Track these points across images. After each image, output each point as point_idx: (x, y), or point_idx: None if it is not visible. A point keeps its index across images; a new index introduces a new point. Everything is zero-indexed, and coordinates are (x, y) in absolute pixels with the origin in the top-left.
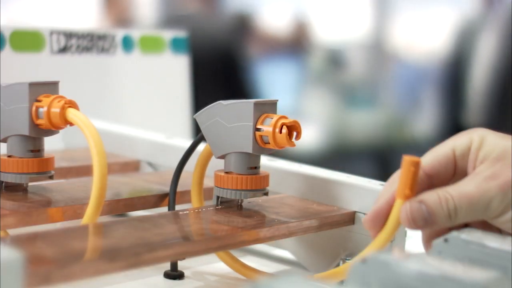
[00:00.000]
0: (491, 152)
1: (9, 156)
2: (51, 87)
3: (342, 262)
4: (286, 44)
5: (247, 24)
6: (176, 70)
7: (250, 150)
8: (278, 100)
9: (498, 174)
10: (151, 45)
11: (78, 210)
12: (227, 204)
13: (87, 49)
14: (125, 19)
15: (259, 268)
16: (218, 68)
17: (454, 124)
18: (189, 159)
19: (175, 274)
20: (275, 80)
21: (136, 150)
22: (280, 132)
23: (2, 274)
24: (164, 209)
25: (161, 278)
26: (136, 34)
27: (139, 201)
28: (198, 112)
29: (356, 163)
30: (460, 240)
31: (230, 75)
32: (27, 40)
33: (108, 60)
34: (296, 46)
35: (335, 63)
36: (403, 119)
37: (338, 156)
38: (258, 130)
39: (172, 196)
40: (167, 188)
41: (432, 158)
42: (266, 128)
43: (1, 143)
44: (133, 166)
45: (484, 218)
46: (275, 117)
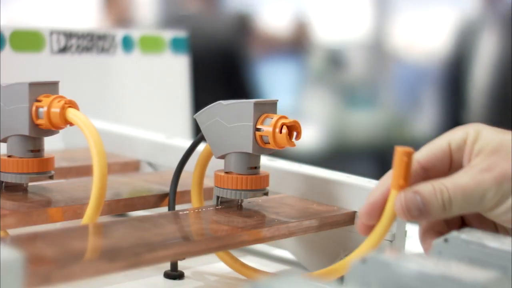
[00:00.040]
0: (486, 145)
1: (9, 156)
2: (51, 87)
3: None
4: (286, 44)
5: (247, 24)
6: (176, 70)
7: (250, 150)
8: (278, 100)
9: (493, 166)
10: (151, 45)
11: (78, 210)
12: (227, 204)
13: (87, 49)
14: (125, 19)
15: (259, 268)
16: (218, 68)
17: (454, 124)
18: (189, 159)
19: (175, 274)
20: (275, 80)
21: (136, 150)
22: (280, 132)
23: (2, 274)
24: (164, 209)
25: (161, 278)
26: (136, 34)
27: (139, 201)
28: (198, 112)
29: (356, 163)
30: (460, 240)
31: (230, 75)
32: (27, 40)
33: (108, 60)
34: (296, 46)
35: (335, 63)
36: (403, 119)
37: (338, 156)
38: (258, 130)
39: (172, 196)
40: (167, 188)
41: (428, 151)
42: (266, 128)
43: (1, 143)
44: (133, 166)
45: (479, 211)
46: (275, 117)
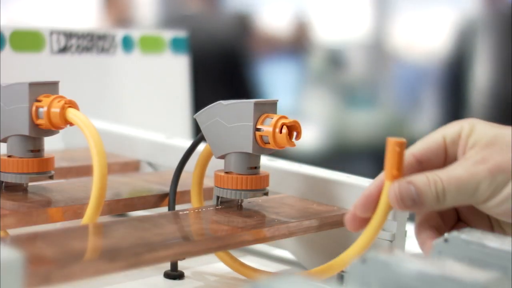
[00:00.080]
0: (481, 138)
1: (9, 156)
2: (51, 87)
3: None
4: (286, 44)
5: (248, 24)
6: (176, 70)
7: (250, 150)
8: (278, 100)
9: (488, 158)
10: (151, 45)
11: (78, 210)
12: (227, 204)
13: (87, 49)
14: (125, 19)
15: (259, 268)
16: (218, 68)
17: None
18: (189, 159)
19: (175, 274)
20: (275, 80)
21: (136, 150)
22: (280, 132)
23: (2, 274)
24: (164, 209)
25: (161, 278)
26: (136, 34)
27: (139, 201)
28: (198, 112)
29: (356, 163)
30: (460, 240)
31: (230, 75)
32: (27, 40)
33: (108, 60)
34: (296, 46)
35: (335, 63)
36: (403, 119)
37: (338, 156)
38: (258, 130)
39: (172, 196)
40: (167, 188)
41: (423, 145)
42: (266, 128)
43: (1, 143)
44: (133, 166)
45: (472, 203)
46: (275, 117)
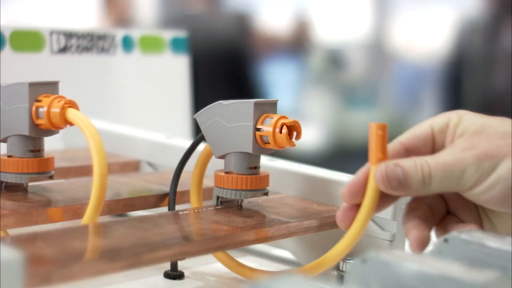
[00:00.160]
0: (469, 127)
1: (9, 156)
2: (51, 87)
3: (342, 262)
4: (286, 44)
5: (248, 24)
6: (176, 70)
7: (250, 150)
8: (278, 100)
9: (475, 145)
10: (151, 45)
11: (78, 210)
12: (227, 204)
13: (87, 49)
14: (125, 19)
15: (259, 268)
16: (218, 68)
17: None
18: (189, 159)
19: (175, 274)
20: (276, 80)
21: (136, 150)
22: (280, 132)
23: (2, 274)
24: (164, 209)
25: (161, 278)
26: (136, 34)
27: (139, 201)
28: (198, 112)
29: (356, 163)
30: (460, 240)
31: (230, 75)
32: (27, 40)
33: (108, 60)
34: (296, 46)
35: (335, 63)
36: (403, 119)
37: (338, 156)
38: (258, 130)
39: (172, 196)
40: (167, 188)
41: (410, 133)
42: (266, 128)
43: (1, 143)
44: (133, 166)
45: (458, 189)
46: (275, 117)
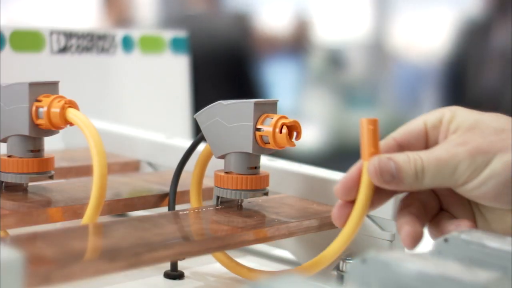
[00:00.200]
0: (462, 123)
1: (9, 156)
2: (51, 87)
3: (342, 262)
4: (286, 44)
5: (248, 24)
6: (176, 70)
7: (250, 150)
8: (278, 100)
9: (469, 141)
10: (151, 45)
11: (78, 210)
12: (227, 204)
13: (87, 49)
14: (125, 19)
15: (259, 268)
16: (218, 68)
17: None
18: (189, 159)
19: (175, 274)
20: (276, 80)
21: (136, 150)
22: (280, 132)
23: (2, 274)
24: (164, 209)
25: (161, 278)
26: (136, 34)
27: (139, 201)
28: (198, 112)
29: None
30: (460, 240)
31: (230, 75)
32: (27, 40)
33: (108, 60)
34: (296, 46)
35: (335, 63)
36: (403, 119)
37: (338, 156)
38: (258, 130)
39: (172, 196)
40: (167, 188)
41: (403, 129)
42: (266, 128)
43: (1, 143)
44: (133, 166)
45: (451, 185)
46: (275, 117)
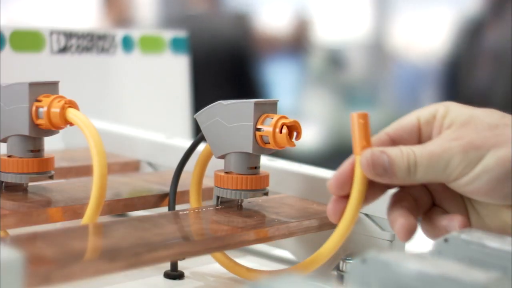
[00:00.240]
0: (456, 118)
1: (9, 156)
2: (51, 87)
3: (342, 262)
4: (286, 44)
5: (248, 24)
6: (176, 70)
7: (250, 150)
8: (278, 100)
9: (462, 136)
10: (151, 45)
11: (78, 210)
12: (227, 204)
13: (87, 49)
14: (125, 19)
15: (258, 268)
16: (218, 68)
17: None
18: (189, 159)
19: (175, 274)
20: (276, 80)
21: (136, 150)
22: (280, 132)
23: (2, 274)
24: (164, 209)
25: (161, 278)
26: (136, 34)
27: (139, 201)
28: (198, 112)
29: None
30: (460, 240)
31: (230, 75)
32: (27, 40)
33: (108, 60)
34: (296, 46)
35: (335, 63)
36: None
37: (338, 156)
38: (258, 130)
39: (172, 196)
40: (167, 188)
41: (396, 124)
42: (266, 128)
43: (1, 143)
44: (133, 166)
45: (444, 180)
46: (275, 117)
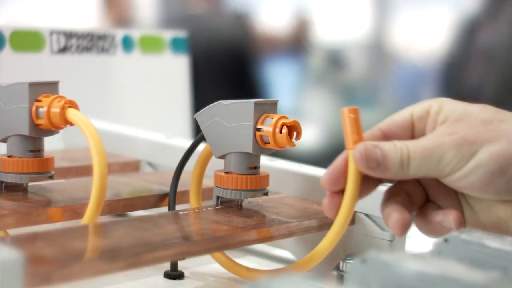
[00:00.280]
0: (451, 114)
1: (9, 156)
2: (51, 87)
3: (342, 262)
4: (286, 44)
5: (248, 24)
6: (176, 70)
7: (250, 150)
8: (278, 100)
9: (456, 131)
10: (151, 45)
11: (78, 210)
12: (227, 204)
13: (87, 49)
14: (125, 19)
15: (258, 268)
16: (218, 68)
17: None
18: (189, 159)
19: (175, 274)
20: (276, 80)
21: (136, 150)
22: (280, 132)
23: (2, 274)
24: (164, 209)
25: (161, 278)
26: (136, 34)
27: (139, 201)
28: (198, 112)
29: None
30: (460, 240)
31: (230, 75)
32: (27, 40)
33: (108, 60)
34: (296, 46)
35: (335, 63)
36: None
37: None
38: (258, 130)
39: (172, 196)
40: (167, 188)
41: (389, 120)
42: (266, 128)
43: (1, 143)
44: (133, 166)
45: (437, 175)
46: (275, 117)
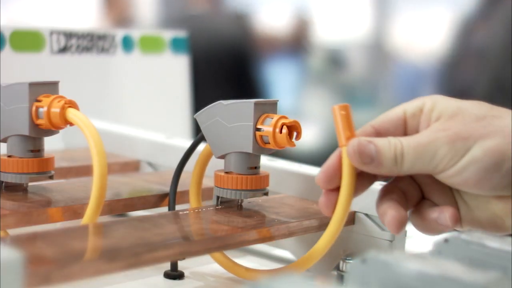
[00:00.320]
0: (444, 110)
1: (9, 156)
2: (51, 87)
3: (342, 262)
4: (286, 44)
5: (248, 24)
6: (176, 70)
7: (250, 150)
8: (278, 100)
9: (450, 127)
10: (151, 45)
11: (78, 210)
12: (227, 204)
13: (87, 49)
14: (125, 19)
15: (257, 268)
16: (218, 68)
17: None
18: (189, 159)
19: (175, 274)
20: (276, 80)
21: (136, 150)
22: (280, 132)
23: (2, 274)
24: (164, 209)
25: (161, 278)
26: (136, 34)
27: (139, 201)
28: (198, 112)
29: None
30: (460, 240)
31: (230, 75)
32: (27, 40)
33: (108, 60)
34: (296, 46)
35: (335, 63)
36: None
37: None
38: (258, 130)
39: (172, 196)
40: (167, 188)
41: (382, 117)
42: (266, 128)
43: (1, 143)
44: (133, 166)
45: (431, 172)
46: (275, 117)
